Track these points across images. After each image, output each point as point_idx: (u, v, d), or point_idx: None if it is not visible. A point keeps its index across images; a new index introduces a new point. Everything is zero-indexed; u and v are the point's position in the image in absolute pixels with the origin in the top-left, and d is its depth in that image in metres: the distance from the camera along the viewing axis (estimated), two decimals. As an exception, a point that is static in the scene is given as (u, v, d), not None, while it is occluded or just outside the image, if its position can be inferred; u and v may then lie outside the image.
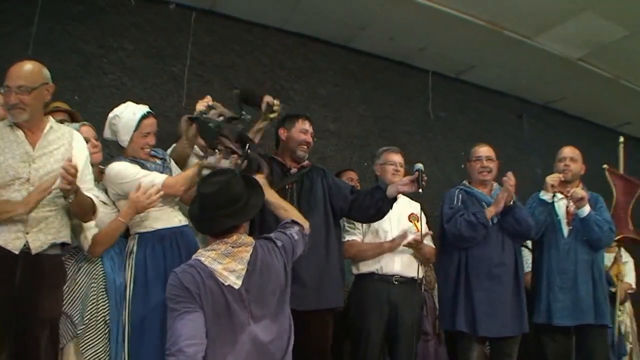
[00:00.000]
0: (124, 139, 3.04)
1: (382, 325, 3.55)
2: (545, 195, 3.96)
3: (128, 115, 3.05)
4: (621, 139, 4.84)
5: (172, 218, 3.08)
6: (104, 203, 3.01)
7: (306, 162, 3.44)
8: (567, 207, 4.07)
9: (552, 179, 3.97)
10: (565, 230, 4.04)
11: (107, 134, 3.14)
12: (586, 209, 3.94)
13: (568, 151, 4.19)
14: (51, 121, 2.78)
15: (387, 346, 3.68)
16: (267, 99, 3.23)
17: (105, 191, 3.07)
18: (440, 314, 3.94)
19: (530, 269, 4.29)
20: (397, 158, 3.94)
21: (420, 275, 3.76)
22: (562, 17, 4.89)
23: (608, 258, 4.87)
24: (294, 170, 3.38)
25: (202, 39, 4.79)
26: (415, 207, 3.89)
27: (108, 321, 2.88)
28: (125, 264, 3.00)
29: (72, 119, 3.58)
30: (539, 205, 3.97)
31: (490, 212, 3.70)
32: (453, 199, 3.90)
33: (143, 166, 3.02)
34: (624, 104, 6.41)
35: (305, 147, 3.39)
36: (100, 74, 4.40)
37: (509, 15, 4.94)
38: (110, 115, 3.10)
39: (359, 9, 4.90)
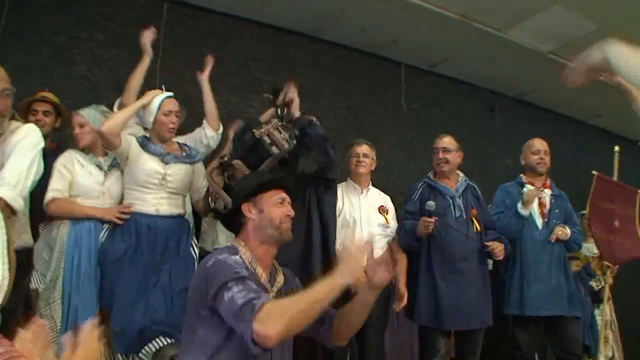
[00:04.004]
0: (149, 120, 3.32)
1: None
2: (523, 210, 3.97)
3: (153, 102, 3.34)
4: (617, 148, 4.76)
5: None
6: (90, 172, 3.25)
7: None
8: (539, 199, 4.11)
9: (531, 197, 3.97)
10: (539, 222, 4.09)
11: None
12: (568, 235, 4.05)
13: (541, 144, 4.23)
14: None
15: (355, 338, 3.70)
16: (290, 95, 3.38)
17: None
18: (406, 307, 3.95)
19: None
20: (359, 149, 3.95)
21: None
22: (533, 10, 4.94)
23: (587, 248, 4.97)
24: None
25: (174, 30, 4.75)
26: (385, 199, 3.93)
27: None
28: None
29: (57, 112, 3.66)
30: (516, 218, 4.00)
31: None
32: (412, 194, 3.94)
33: (161, 156, 3.27)
34: (595, 96, 6.48)
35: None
36: (71, 65, 4.36)
37: (480, 8, 4.97)
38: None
39: (332, 1, 4.91)
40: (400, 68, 6.00)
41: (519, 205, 3.98)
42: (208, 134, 3.69)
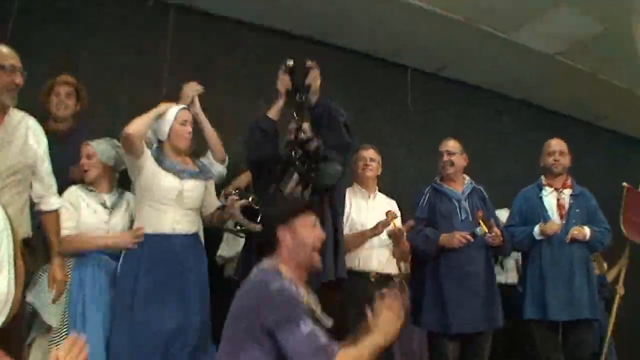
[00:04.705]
0: (165, 130, 3.25)
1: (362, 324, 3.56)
2: (538, 236, 3.98)
3: (168, 112, 3.27)
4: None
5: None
6: (94, 211, 3.18)
7: None
8: (558, 200, 4.10)
9: (551, 231, 3.95)
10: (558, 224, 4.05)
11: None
12: (587, 235, 3.98)
13: (557, 144, 4.21)
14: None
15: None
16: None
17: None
18: (411, 311, 3.94)
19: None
20: (366, 153, 3.97)
21: (397, 272, 3.82)
22: (538, 12, 4.94)
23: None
24: None
25: (181, 35, 4.76)
26: (392, 205, 3.93)
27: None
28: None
29: (78, 94, 3.68)
30: (528, 239, 4.02)
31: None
32: (420, 200, 3.96)
33: (178, 172, 3.20)
34: (602, 98, 6.48)
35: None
36: (78, 73, 4.36)
37: (485, 11, 4.97)
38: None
39: (338, 5, 4.91)
40: (406, 72, 5.99)
41: (536, 230, 3.98)
42: (219, 169, 3.58)
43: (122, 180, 3.46)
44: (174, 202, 3.15)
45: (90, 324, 2.95)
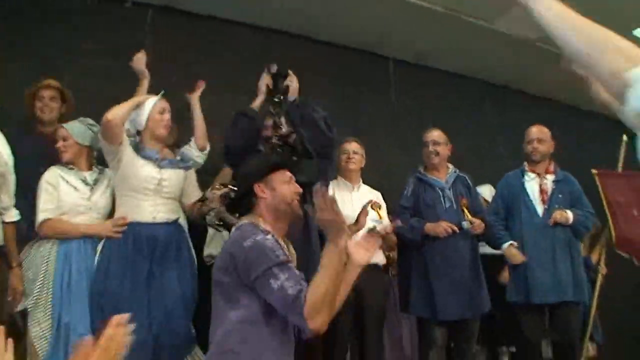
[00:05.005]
0: (142, 119, 3.28)
1: (349, 312, 3.59)
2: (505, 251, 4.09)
3: (146, 102, 3.32)
4: (624, 138, 4.74)
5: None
6: (75, 188, 3.21)
7: None
8: (540, 186, 4.14)
9: (514, 259, 4.04)
10: (540, 209, 4.10)
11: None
12: (570, 219, 4.01)
13: (535, 132, 4.25)
14: None
15: (356, 332, 3.74)
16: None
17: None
18: (400, 299, 3.99)
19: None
20: (349, 146, 4.04)
21: (383, 261, 3.86)
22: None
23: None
24: None
25: (160, 36, 4.76)
26: (376, 195, 3.96)
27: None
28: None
29: (62, 96, 3.70)
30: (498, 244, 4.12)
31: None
32: (405, 189, 4.00)
33: (157, 160, 3.24)
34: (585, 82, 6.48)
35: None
36: (60, 77, 4.36)
37: (465, 1, 4.99)
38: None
39: (317, 0, 4.92)
40: (388, 63, 6.02)
41: (505, 246, 4.06)
42: (194, 154, 3.61)
43: (102, 160, 3.45)
44: (152, 192, 3.20)
45: (75, 295, 3.01)
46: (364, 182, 4.11)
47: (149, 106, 3.30)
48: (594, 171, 4.53)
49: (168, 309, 3.05)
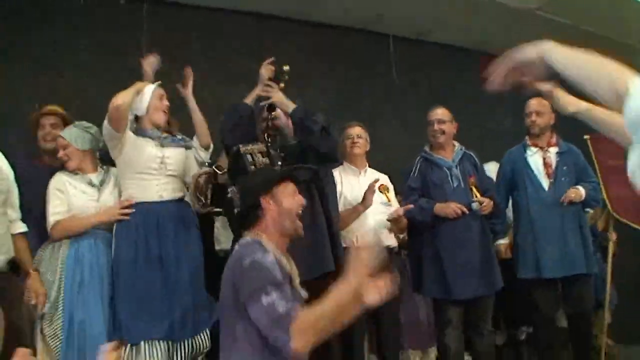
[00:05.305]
0: (143, 105, 3.32)
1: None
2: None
3: (145, 89, 3.35)
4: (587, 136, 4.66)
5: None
6: (83, 192, 3.23)
7: None
8: (544, 159, 4.10)
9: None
10: (545, 183, 4.06)
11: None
12: (583, 195, 3.97)
13: (533, 105, 4.16)
14: None
15: (373, 315, 3.72)
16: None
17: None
18: (412, 281, 3.98)
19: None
20: (352, 131, 4.00)
21: (395, 244, 3.85)
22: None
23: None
24: None
25: (157, 30, 4.74)
26: (384, 178, 3.94)
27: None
28: None
29: (64, 122, 3.60)
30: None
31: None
32: (411, 170, 3.95)
33: (158, 138, 3.29)
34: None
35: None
36: (57, 77, 4.36)
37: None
38: None
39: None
40: (388, 40, 5.94)
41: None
42: (202, 155, 3.61)
43: (105, 159, 3.47)
44: (156, 171, 3.24)
45: (89, 293, 3.06)
46: (369, 164, 4.08)
47: (149, 92, 3.34)
48: (586, 136, 4.49)
49: (182, 292, 3.13)
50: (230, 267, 2.24)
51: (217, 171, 3.45)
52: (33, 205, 3.18)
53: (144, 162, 3.21)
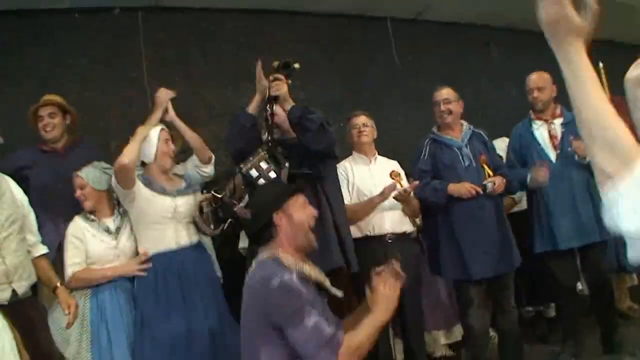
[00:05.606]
0: (151, 152, 3.30)
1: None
2: (530, 183, 3.98)
3: (150, 134, 3.32)
4: (601, 65, 4.38)
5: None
6: (101, 240, 3.21)
7: None
8: (549, 131, 4.08)
9: (539, 182, 3.94)
10: (553, 155, 4.04)
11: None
12: None
13: (534, 81, 4.14)
14: None
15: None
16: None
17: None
18: (429, 263, 3.97)
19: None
20: (358, 120, 3.97)
21: (412, 229, 3.84)
22: None
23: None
24: None
25: (154, 37, 4.75)
26: (394, 164, 3.93)
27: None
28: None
29: (63, 111, 3.66)
30: (520, 184, 4.04)
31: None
32: (421, 152, 3.93)
33: (169, 193, 3.27)
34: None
35: None
36: (61, 93, 4.37)
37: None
38: None
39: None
40: (386, 23, 5.90)
41: (529, 179, 3.97)
42: (206, 171, 3.62)
43: None
44: (170, 220, 3.23)
45: (116, 346, 3.03)
46: (378, 152, 4.05)
47: (155, 138, 3.32)
48: (601, 64, 4.40)
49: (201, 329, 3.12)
50: (254, 291, 2.24)
51: (216, 195, 3.42)
52: (40, 185, 3.32)
53: (158, 213, 3.20)
